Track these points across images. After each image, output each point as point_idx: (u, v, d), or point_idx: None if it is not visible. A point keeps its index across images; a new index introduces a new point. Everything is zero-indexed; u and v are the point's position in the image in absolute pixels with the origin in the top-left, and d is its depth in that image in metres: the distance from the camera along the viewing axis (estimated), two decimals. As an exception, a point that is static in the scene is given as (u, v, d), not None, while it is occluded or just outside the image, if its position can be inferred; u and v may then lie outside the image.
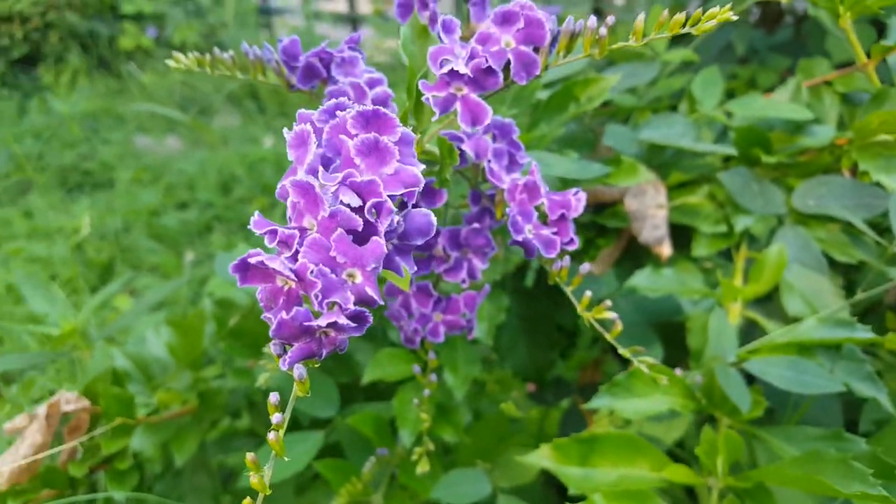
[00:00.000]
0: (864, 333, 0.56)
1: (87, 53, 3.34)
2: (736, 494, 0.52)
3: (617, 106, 0.81)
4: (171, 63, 0.49)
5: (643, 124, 0.74)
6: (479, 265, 0.48)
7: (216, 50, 0.47)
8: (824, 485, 0.43)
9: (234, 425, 0.85)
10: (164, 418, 0.71)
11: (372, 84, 0.44)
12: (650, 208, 0.70)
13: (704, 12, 0.41)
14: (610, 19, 0.40)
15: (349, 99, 0.39)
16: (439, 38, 0.41)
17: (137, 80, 3.21)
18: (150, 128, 2.89)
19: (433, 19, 0.45)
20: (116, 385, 0.71)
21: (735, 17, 0.41)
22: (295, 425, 0.71)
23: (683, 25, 0.42)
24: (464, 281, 0.48)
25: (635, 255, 0.73)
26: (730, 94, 0.99)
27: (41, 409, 0.71)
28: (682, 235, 0.73)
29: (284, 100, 3.08)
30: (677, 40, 0.99)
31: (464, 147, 0.43)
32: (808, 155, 0.74)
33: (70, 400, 0.71)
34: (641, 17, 0.41)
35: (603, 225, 0.72)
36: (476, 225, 0.47)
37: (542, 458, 0.55)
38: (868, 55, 0.72)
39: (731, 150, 0.71)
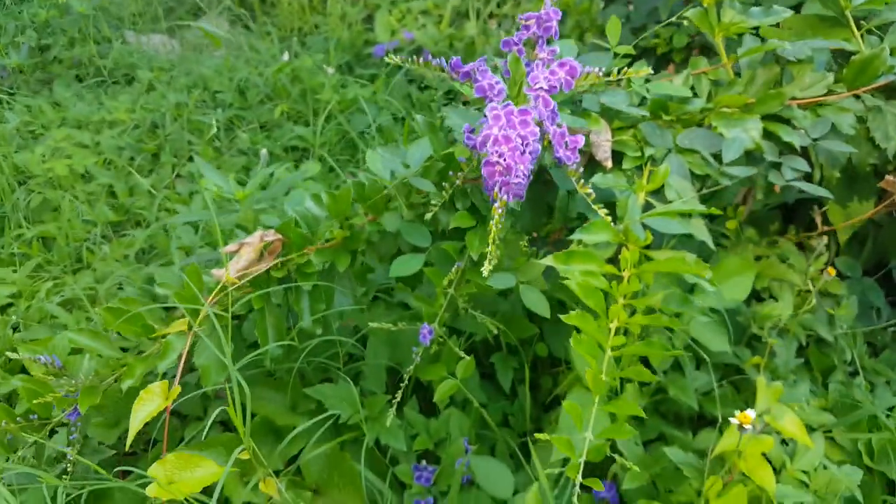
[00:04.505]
0: (702, 209, 1.16)
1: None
2: (637, 277, 1.12)
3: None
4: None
5: (601, 94, 1.30)
6: (529, 166, 1.04)
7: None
8: (651, 275, 1.04)
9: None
10: (327, 246, 1.25)
11: (497, 83, 0.97)
12: (602, 141, 1.27)
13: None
14: (600, 70, 0.95)
15: (487, 89, 0.93)
16: (528, 67, 0.95)
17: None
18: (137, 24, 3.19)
19: (520, 51, 1.00)
20: (297, 227, 1.25)
21: None
22: (400, 252, 1.27)
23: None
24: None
25: (594, 164, 1.30)
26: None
27: (251, 238, 1.24)
28: (617, 157, 1.31)
29: (272, 11, 3.41)
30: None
31: (533, 112, 0.98)
32: (688, 115, 1.33)
33: (268, 235, 1.24)
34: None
35: (576, 148, 1.29)
36: (531, 148, 1.03)
37: (548, 261, 1.13)
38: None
39: (645, 113, 1.27)
